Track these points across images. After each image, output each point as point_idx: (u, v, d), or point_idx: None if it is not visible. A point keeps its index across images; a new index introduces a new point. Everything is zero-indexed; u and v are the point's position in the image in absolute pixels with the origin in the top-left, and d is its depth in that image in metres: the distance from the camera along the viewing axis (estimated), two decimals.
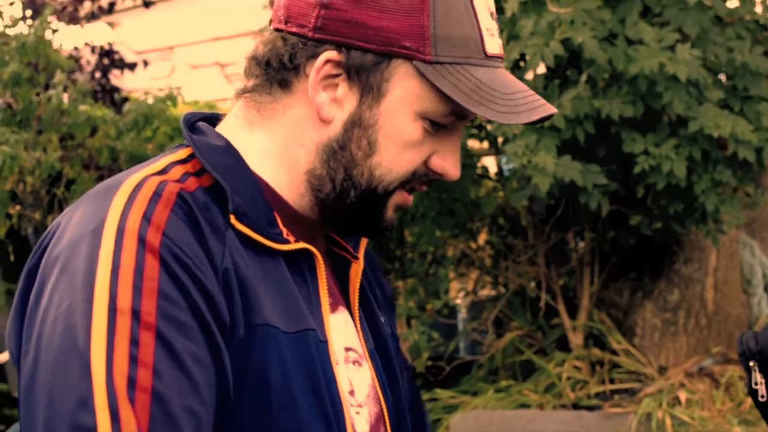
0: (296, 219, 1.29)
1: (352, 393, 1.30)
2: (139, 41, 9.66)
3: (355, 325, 1.35)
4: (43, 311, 1.14)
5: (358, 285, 1.37)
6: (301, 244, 1.26)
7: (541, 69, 6.22)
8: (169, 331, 1.11)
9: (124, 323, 1.10)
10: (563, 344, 7.10)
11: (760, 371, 2.00)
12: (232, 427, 1.17)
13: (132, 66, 7.99)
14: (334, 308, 1.32)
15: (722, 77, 6.06)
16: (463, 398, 6.87)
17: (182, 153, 1.27)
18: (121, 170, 6.41)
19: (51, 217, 6.15)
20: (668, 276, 7.00)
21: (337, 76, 1.24)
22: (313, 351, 1.23)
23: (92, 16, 8.25)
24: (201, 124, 1.32)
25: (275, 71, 1.27)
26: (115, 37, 8.52)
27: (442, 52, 1.22)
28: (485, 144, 6.91)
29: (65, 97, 6.00)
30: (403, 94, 1.23)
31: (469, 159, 6.81)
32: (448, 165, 1.28)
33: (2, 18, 6.06)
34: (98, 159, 6.17)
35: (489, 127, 6.37)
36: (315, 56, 1.24)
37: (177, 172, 1.23)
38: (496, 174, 7.05)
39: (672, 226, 6.23)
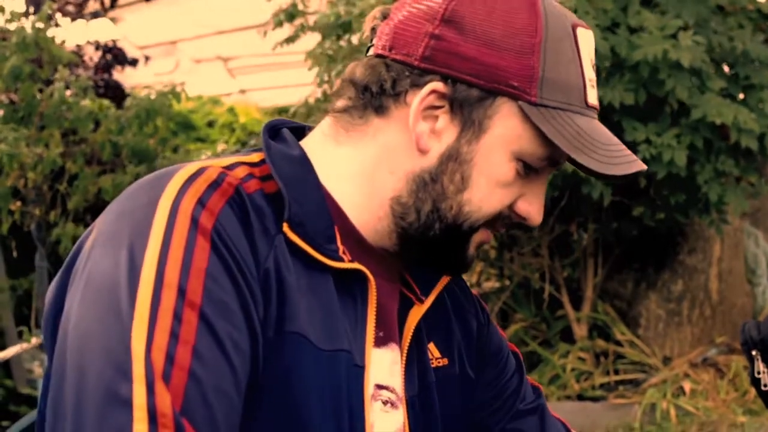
0: (358, 242, 1.27)
1: None
2: (141, 36, 9.66)
3: (402, 368, 1.30)
4: (87, 277, 1.13)
5: (413, 326, 1.32)
6: (355, 265, 1.23)
7: None
8: (213, 313, 1.10)
9: (169, 298, 1.09)
10: (567, 335, 7.10)
11: (763, 360, 2.00)
12: (244, 426, 1.14)
13: (134, 62, 8.00)
14: (384, 342, 1.29)
15: (725, 68, 6.06)
16: None
17: (254, 157, 1.25)
18: (123, 165, 6.47)
19: (53, 212, 6.16)
20: (672, 267, 6.99)
21: (439, 107, 1.23)
22: (343, 374, 1.20)
23: (95, 15, 8.26)
24: (285, 131, 1.30)
25: (372, 95, 1.26)
26: (118, 33, 8.53)
27: (547, 95, 1.22)
28: None
29: (68, 93, 5.99)
30: (504, 132, 1.22)
31: None
32: (533, 210, 1.27)
33: (3, 13, 6.05)
34: (100, 154, 6.17)
35: None
36: (419, 85, 1.23)
37: (242, 171, 1.21)
38: None
39: (675, 217, 6.22)
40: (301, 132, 1.33)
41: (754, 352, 2.03)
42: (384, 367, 1.28)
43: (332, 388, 1.18)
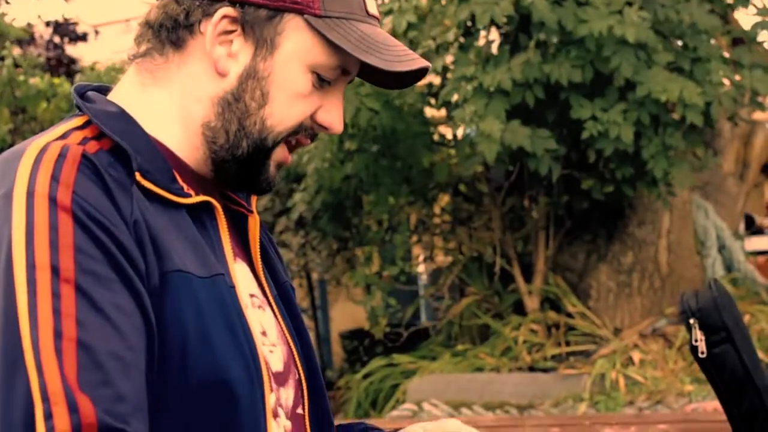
0: (193, 175, 1.35)
1: (264, 334, 1.36)
2: (94, 15, 9.61)
3: (257, 274, 1.41)
4: None
5: (258, 236, 1.43)
6: (202, 197, 1.32)
7: (493, 35, 6.26)
8: (88, 283, 1.14)
9: (44, 279, 1.13)
10: (519, 308, 7.17)
11: (701, 329, 2.05)
12: (158, 374, 1.21)
13: (84, 37, 7.96)
14: (236, 258, 1.37)
15: (674, 41, 6.11)
16: (421, 363, 6.93)
17: (78, 121, 1.30)
18: None
19: None
20: (622, 239, 7.07)
21: (232, 31, 1.30)
22: (225, 294, 1.28)
23: None
24: (91, 93, 1.36)
25: (168, 32, 1.32)
26: (70, 12, 8.48)
27: (330, 7, 1.30)
28: (443, 112, 6.94)
29: (19, 71, 5.97)
30: (295, 46, 1.30)
31: (423, 126, 6.85)
32: (333, 118, 1.35)
33: None
34: None
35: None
36: (210, 14, 1.29)
37: (77, 137, 1.26)
38: (452, 141, 7.08)
39: (623, 190, 6.29)
40: (105, 91, 1.39)
41: (692, 321, 2.08)
42: (246, 278, 1.38)
43: (221, 309, 1.27)
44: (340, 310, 9.64)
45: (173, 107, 1.33)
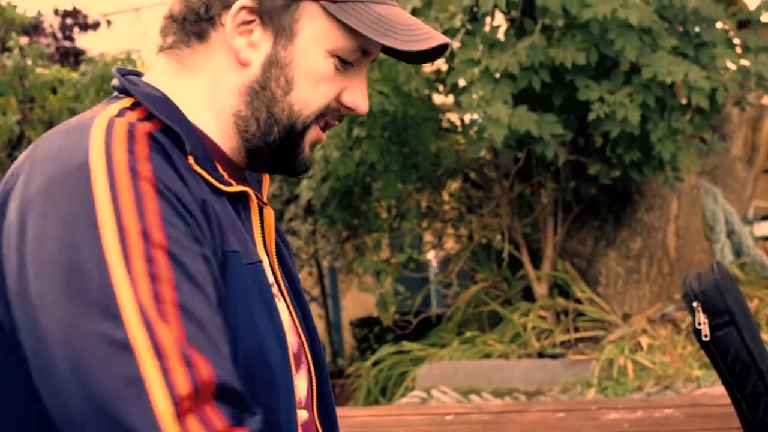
0: (229, 163, 1.38)
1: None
2: (103, 4, 9.61)
3: (272, 265, 1.44)
4: (34, 250, 1.16)
5: (273, 227, 1.45)
6: (241, 187, 1.36)
7: (499, 21, 6.25)
8: (177, 250, 1.16)
9: (136, 244, 1.14)
10: (528, 295, 7.18)
11: (703, 312, 2.05)
12: None
13: (95, 26, 7.97)
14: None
15: (678, 26, 6.10)
16: (430, 350, 6.94)
17: (126, 101, 1.32)
18: None
19: None
20: (630, 224, 7.06)
21: (251, 21, 1.32)
22: (264, 282, 1.32)
23: None
24: (132, 77, 1.39)
25: (191, 24, 1.35)
26: (79, 2, 8.50)
27: None
28: (451, 98, 6.94)
29: (28, 63, 5.98)
30: (313, 32, 1.32)
31: (431, 112, 6.84)
32: (358, 99, 1.38)
33: None
34: (59, 121, 6.18)
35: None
36: (228, 6, 1.32)
37: (131, 117, 1.28)
38: (461, 127, 7.08)
39: (630, 175, 6.28)
40: (138, 77, 1.42)
41: (695, 304, 2.08)
42: (267, 268, 1.40)
43: (261, 294, 1.31)
44: (351, 299, 9.66)
45: (205, 96, 1.36)
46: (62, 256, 1.14)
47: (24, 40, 6.02)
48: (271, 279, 1.40)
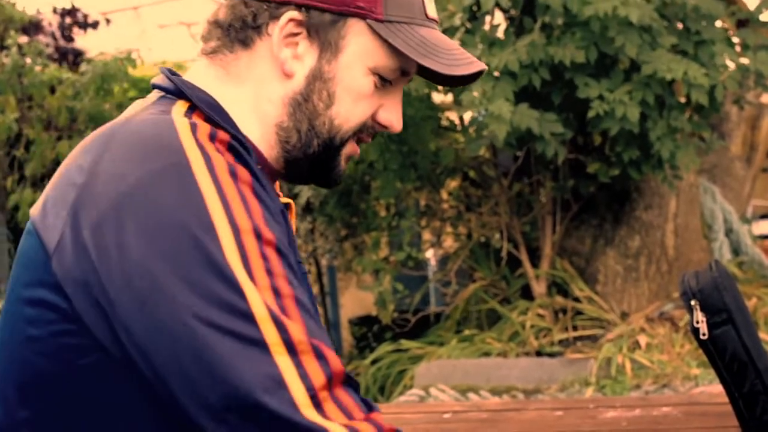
0: (272, 173, 1.41)
1: None
2: (103, 2, 9.60)
3: None
4: (135, 250, 1.16)
5: (294, 229, 1.49)
6: (287, 199, 1.41)
7: (499, 20, 6.25)
8: (282, 247, 1.21)
9: (251, 242, 1.17)
10: (527, 293, 7.18)
11: (701, 310, 2.05)
12: None
13: (95, 24, 7.96)
14: None
15: (678, 24, 6.10)
16: (429, 349, 6.94)
17: (182, 105, 1.33)
18: (80, 131, 6.47)
19: (11, 178, 6.16)
20: (629, 223, 7.07)
21: (298, 34, 1.35)
22: (310, 288, 1.39)
23: None
24: (179, 78, 1.39)
25: (237, 31, 1.37)
26: (78, 1, 8.49)
27: (391, 12, 1.35)
28: (450, 97, 6.94)
29: (27, 61, 5.98)
30: (358, 49, 1.35)
31: (430, 111, 6.85)
32: (393, 118, 1.41)
33: None
34: (57, 120, 6.17)
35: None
36: (277, 17, 1.34)
37: (197, 121, 1.30)
38: (460, 125, 7.08)
39: (629, 173, 6.29)
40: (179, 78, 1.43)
41: (692, 302, 2.08)
42: None
43: (310, 297, 1.33)
44: (350, 297, 9.66)
45: (250, 105, 1.38)
46: (180, 250, 1.15)
47: (23, 39, 6.01)
48: None
